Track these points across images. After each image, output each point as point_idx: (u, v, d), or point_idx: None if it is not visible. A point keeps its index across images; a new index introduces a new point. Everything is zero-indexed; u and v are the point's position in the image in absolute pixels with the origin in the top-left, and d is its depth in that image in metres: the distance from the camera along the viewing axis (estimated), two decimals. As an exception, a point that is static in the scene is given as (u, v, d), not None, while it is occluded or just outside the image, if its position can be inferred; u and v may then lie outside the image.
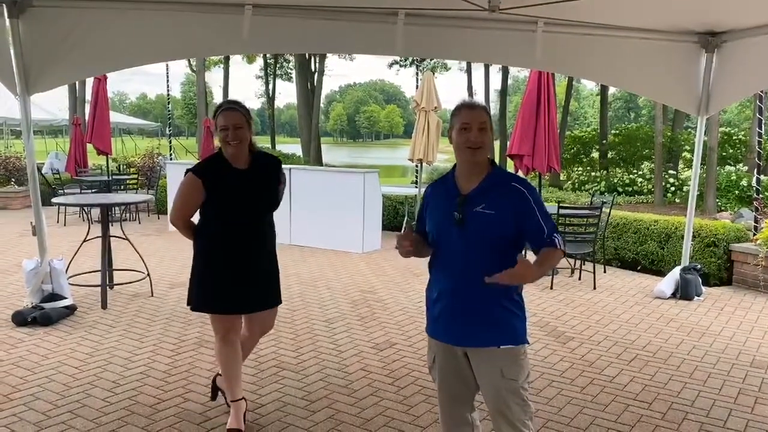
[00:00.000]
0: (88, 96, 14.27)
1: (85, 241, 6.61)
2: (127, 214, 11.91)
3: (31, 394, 4.06)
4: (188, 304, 3.56)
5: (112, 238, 6.44)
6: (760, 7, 5.16)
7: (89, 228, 6.77)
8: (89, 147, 12.58)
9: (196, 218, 3.56)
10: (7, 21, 5.01)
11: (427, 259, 2.70)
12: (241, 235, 3.45)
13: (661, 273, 7.62)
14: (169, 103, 16.02)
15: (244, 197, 3.42)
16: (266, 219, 3.59)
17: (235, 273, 3.45)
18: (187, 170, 3.41)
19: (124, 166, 15.30)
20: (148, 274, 6.69)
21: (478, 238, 2.46)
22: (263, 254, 3.56)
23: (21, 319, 5.47)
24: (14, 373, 4.42)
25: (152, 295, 6.51)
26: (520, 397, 2.50)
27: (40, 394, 4.08)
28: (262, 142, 32.96)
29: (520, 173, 7.58)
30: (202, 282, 3.48)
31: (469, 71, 28.87)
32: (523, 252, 2.58)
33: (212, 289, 3.45)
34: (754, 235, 7.47)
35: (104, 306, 6.04)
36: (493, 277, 2.33)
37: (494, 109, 37.33)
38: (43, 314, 5.49)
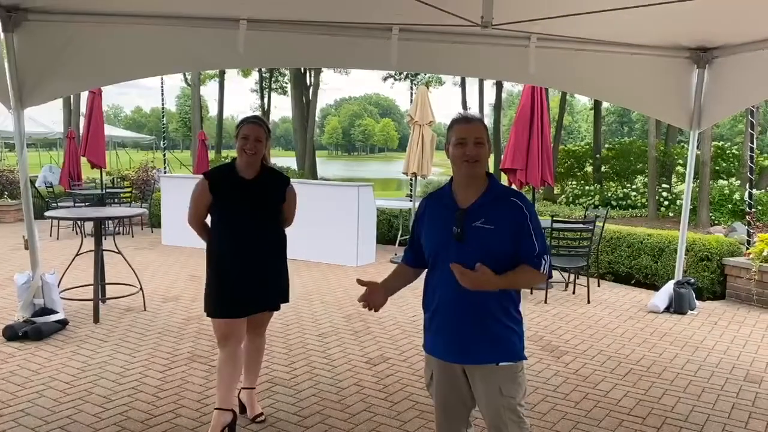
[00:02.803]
0: (83, 109, 14.30)
1: (77, 254, 6.58)
2: (121, 228, 11.86)
3: (21, 410, 4.02)
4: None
5: (105, 252, 6.42)
6: (751, 23, 5.21)
7: (82, 241, 6.73)
8: (83, 160, 12.57)
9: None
10: (2, 35, 5.02)
11: (422, 273, 2.69)
12: (237, 243, 3.58)
13: (654, 287, 7.63)
14: (163, 116, 16.07)
15: (243, 204, 3.57)
16: (266, 230, 3.67)
17: (228, 279, 3.58)
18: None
19: (118, 180, 15.27)
20: (141, 288, 6.66)
21: (477, 253, 2.42)
22: (260, 263, 3.63)
23: (12, 334, 5.43)
24: (4, 388, 4.38)
25: (145, 309, 6.47)
26: (517, 414, 2.49)
27: (30, 409, 4.04)
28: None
29: (514, 187, 7.60)
30: (206, 285, 3.66)
31: (463, 85, 29.10)
32: None
33: (209, 293, 3.64)
34: (747, 249, 7.50)
35: (96, 320, 6.01)
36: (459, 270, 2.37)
37: (488, 123, 37.49)
38: (34, 329, 5.45)
